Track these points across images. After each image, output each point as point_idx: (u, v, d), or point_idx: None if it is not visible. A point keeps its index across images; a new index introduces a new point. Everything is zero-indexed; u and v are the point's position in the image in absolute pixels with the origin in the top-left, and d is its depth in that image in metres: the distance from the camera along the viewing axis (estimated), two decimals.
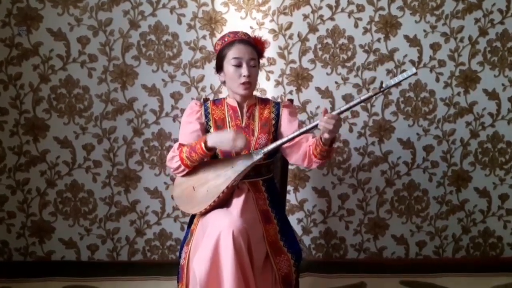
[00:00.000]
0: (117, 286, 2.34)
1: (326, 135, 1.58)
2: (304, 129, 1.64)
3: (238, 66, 1.73)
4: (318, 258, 2.60)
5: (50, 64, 2.36)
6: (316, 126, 1.62)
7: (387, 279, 2.42)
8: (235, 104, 1.81)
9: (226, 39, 1.78)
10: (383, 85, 1.56)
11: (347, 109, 1.61)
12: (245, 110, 1.81)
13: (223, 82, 1.83)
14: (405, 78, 1.54)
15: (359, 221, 2.57)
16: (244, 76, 1.72)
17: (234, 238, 1.47)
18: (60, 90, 2.39)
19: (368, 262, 2.59)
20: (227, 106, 1.83)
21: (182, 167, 1.70)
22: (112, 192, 2.49)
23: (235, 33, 1.80)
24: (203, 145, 1.62)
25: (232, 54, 1.74)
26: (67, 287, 2.32)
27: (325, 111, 1.56)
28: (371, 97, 1.59)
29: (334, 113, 1.57)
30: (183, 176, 1.74)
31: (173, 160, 1.71)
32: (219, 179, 1.66)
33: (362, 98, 1.59)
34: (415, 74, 1.58)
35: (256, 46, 1.79)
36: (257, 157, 1.66)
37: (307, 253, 2.54)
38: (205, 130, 1.80)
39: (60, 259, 2.54)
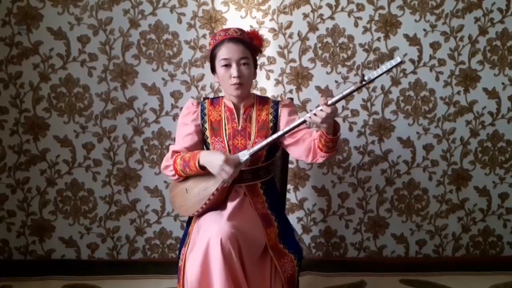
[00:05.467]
0: (117, 284, 2.35)
1: (323, 125, 1.52)
2: (291, 126, 1.60)
3: (228, 66, 1.66)
4: (318, 256, 2.60)
5: (50, 63, 2.36)
6: (303, 122, 1.59)
7: (387, 278, 2.43)
8: (232, 105, 1.75)
9: (217, 38, 1.70)
10: (365, 78, 1.47)
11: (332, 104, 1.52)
12: (241, 111, 1.75)
13: (219, 83, 1.77)
14: (389, 69, 1.45)
15: (359, 220, 2.58)
16: (234, 77, 1.65)
17: (222, 245, 1.47)
18: (60, 89, 2.39)
19: (368, 261, 2.59)
20: (224, 106, 1.77)
21: (176, 176, 1.71)
22: (112, 191, 2.50)
23: (226, 30, 1.71)
24: (197, 164, 1.61)
25: (221, 54, 1.67)
26: (67, 286, 2.33)
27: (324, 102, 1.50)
28: (353, 91, 1.50)
29: (321, 107, 1.50)
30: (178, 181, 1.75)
31: (167, 169, 1.72)
32: (209, 181, 1.65)
33: (345, 93, 1.50)
34: (401, 63, 1.48)
35: (250, 43, 1.70)
36: (243, 158, 1.62)
37: (307, 252, 2.54)
38: (201, 131, 1.76)
39: (60, 258, 2.54)
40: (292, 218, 2.52)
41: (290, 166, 2.39)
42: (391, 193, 2.56)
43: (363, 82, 1.47)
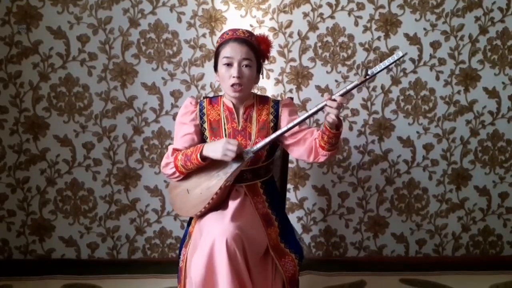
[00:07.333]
0: (117, 284, 2.34)
1: (329, 118, 1.53)
2: (296, 121, 1.60)
3: (229, 65, 1.65)
4: (318, 256, 2.60)
5: (50, 63, 2.36)
6: (308, 117, 1.59)
7: (387, 277, 2.42)
8: (231, 105, 1.74)
9: (224, 37, 1.70)
10: (368, 72, 1.51)
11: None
12: (241, 111, 1.74)
13: (219, 82, 1.75)
14: (391, 63, 1.48)
15: (359, 220, 2.58)
16: (234, 77, 1.63)
17: (227, 245, 1.47)
18: (60, 88, 2.39)
19: (368, 260, 2.59)
20: (223, 106, 1.75)
21: (177, 174, 1.67)
22: (112, 191, 2.49)
23: (235, 31, 1.71)
24: (198, 156, 1.59)
25: (224, 53, 1.66)
26: (67, 285, 2.32)
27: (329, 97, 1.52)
28: (357, 86, 1.53)
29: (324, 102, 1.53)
30: (178, 180, 1.71)
31: (167, 166, 1.68)
32: (211, 181, 1.63)
33: (348, 87, 1.53)
34: (403, 57, 1.49)
35: (257, 46, 1.70)
36: (247, 156, 1.61)
37: (307, 252, 2.54)
38: (200, 132, 1.74)
39: (60, 257, 2.54)
40: (292, 217, 2.52)
41: (290, 165, 2.40)
42: (391, 192, 2.56)
43: (367, 77, 1.51)
